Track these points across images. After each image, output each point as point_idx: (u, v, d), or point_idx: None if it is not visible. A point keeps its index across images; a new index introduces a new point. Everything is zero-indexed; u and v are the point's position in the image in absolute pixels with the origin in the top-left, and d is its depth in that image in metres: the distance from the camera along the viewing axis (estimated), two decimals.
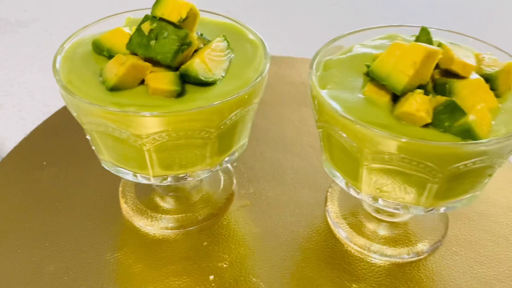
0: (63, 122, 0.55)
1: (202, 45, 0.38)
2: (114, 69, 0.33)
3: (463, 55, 0.34)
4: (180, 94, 0.33)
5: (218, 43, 0.37)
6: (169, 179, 0.38)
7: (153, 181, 0.37)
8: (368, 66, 0.36)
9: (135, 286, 0.39)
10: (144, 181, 0.38)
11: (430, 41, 0.37)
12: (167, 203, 0.46)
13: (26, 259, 0.41)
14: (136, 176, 0.38)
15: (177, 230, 0.43)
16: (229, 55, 0.37)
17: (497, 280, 0.40)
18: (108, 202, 0.46)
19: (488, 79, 0.35)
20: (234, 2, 0.83)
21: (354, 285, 0.39)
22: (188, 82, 0.34)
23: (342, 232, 0.43)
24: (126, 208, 0.45)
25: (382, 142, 0.31)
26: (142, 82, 0.34)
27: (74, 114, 0.35)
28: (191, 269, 0.40)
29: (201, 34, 0.38)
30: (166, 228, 0.43)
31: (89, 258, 0.41)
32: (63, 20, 0.77)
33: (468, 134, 0.31)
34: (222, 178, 0.48)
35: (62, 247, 0.42)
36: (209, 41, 0.38)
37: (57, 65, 0.36)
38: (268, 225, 0.44)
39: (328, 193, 0.47)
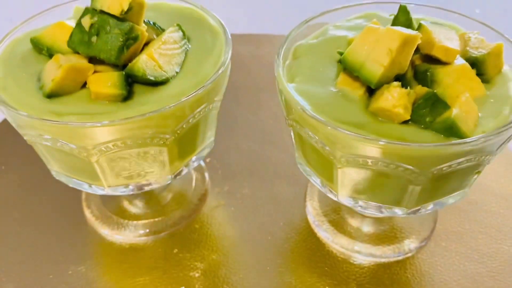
0: None
1: (154, 36, 0.33)
2: (51, 73, 0.29)
3: (446, 37, 0.30)
4: (126, 97, 0.29)
5: (171, 34, 0.33)
6: (127, 188, 0.34)
7: (109, 192, 0.34)
8: (340, 54, 0.32)
9: None
10: (100, 192, 0.34)
11: (409, 22, 0.33)
12: (135, 207, 0.42)
13: None
14: (91, 186, 0.34)
15: (146, 237, 0.40)
16: (184, 46, 0.33)
17: (489, 276, 0.37)
18: (71, 209, 0.42)
19: (475, 63, 0.31)
20: None
21: None
22: (136, 82, 0.30)
23: (323, 231, 0.40)
24: (90, 215, 0.42)
25: (356, 145, 0.27)
26: (85, 85, 0.30)
27: (13, 125, 0.31)
28: (160, 280, 0.37)
29: (154, 24, 0.34)
30: (134, 236, 0.40)
31: (51, 273, 0.38)
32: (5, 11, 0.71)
33: (451, 131, 0.27)
34: (194, 176, 0.45)
35: (21, 262, 0.39)
36: (163, 31, 0.34)
37: None
38: (244, 226, 0.41)
39: (308, 187, 0.44)
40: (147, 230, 0.40)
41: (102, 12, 0.30)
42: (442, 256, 0.39)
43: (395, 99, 0.28)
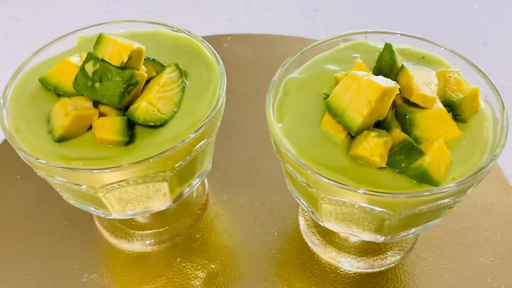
0: None
1: (154, 74, 0.36)
2: (59, 120, 0.32)
3: (425, 82, 0.33)
4: (129, 141, 0.32)
5: (170, 75, 0.35)
6: (133, 211, 0.38)
7: (116, 216, 0.37)
8: (326, 95, 0.34)
9: None
10: (108, 217, 0.38)
11: (393, 61, 0.35)
12: (142, 217, 0.46)
13: (6, 285, 0.42)
14: (98, 211, 0.38)
15: (152, 247, 0.44)
16: (182, 84, 0.36)
17: (463, 287, 0.41)
18: (83, 219, 0.46)
19: (452, 106, 0.33)
20: None
21: None
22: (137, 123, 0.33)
23: (313, 242, 0.44)
24: (100, 226, 0.45)
25: (336, 190, 0.30)
26: (90, 127, 0.33)
27: (26, 162, 0.35)
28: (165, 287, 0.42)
29: (153, 60, 0.36)
30: (141, 245, 0.44)
31: (66, 281, 0.42)
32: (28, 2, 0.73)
33: (423, 178, 0.30)
34: (195, 188, 0.48)
35: (41, 269, 0.43)
36: (162, 67, 0.36)
37: (5, 106, 0.35)
38: (240, 236, 0.45)
39: None
40: (152, 240, 0.44)
41: (103, 60, 0.32)
42: (421, 267, 0.42)
43: (372, 148, 0.30)
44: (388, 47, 0.35)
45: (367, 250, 0.43)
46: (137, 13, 0.71)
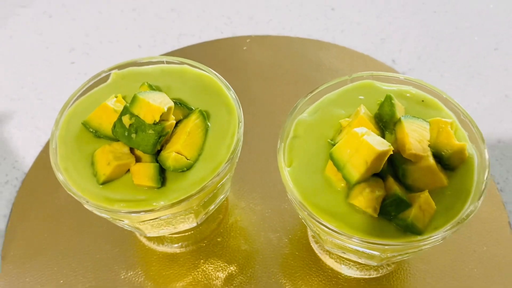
0: None
1: (181, 117, 0.41)
2: (102, 168, 0.38)
3: (418, 138, 0.37)
4: (161, 185, 0.38)
5: (196, 121, 0.40)
6: (162, 231, 0.44)
7: (150, 235, 0.44)
8: (331, 144, 0.39)
9: None
10: (142, 235, 0.45)
11: (392, 112, 0.39)
12: None
13: (57, 278, 0.50)
14: (135, 230, 0.44)
15: (180, 249, 0.51)
16: (205, 128, 0.41)
17: None
18: None
19: (441, 157, 0.38)
20: None
21: None
22: None
23: (318, 250, 0.50)
24: None
25: (334, 235, 0.36)
26: (129, 169, 0.39)
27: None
28: (190, 286, 0.49)
29: (181, 103, 0.41)
30: (171, 248, 0.51)
31: (107, 277, 0.50)
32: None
33: (409, 228, 0.35)
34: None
35: (86, 267, 0.51)
36: (189, 110, 0.41)
37: (54, 144, 0.41)
38: (256, 242, 0.51)
39: None
40: (180, 244, 0.51)
41: (138, 116, 0.37)
42: (413, 276, 0.49)
43: (367, 201, 0.35)
44: (388, 99, 0.39)
45: None
46: (161, 10, 0.74)
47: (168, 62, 0.45)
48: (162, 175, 0.38)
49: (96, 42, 0.71)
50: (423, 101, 0.42)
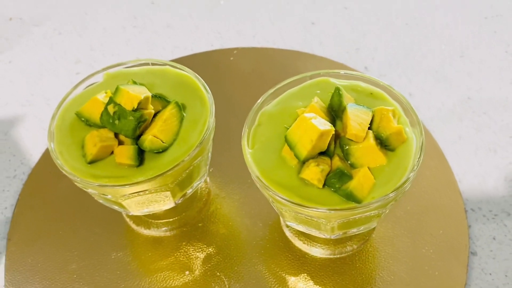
0: None
1: (160, 107, 0.47)
2: (90, 148, 0.44)
3: (359, 121, 0.42)
4: (139, 164, 0.44)
5: (171, 111, 0.46)
6: (145, 210, 0.50)
7: (134, 213, 0.50)
8: (287, 128, 0.45)
9: (132, 280, 0.54)
10: (129, 214, 0.50)
11: (340, 102, 0.44)
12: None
13: (56, 259, 0.56)
14: (121, 209, 0.50)
15: (164, 233, 0.57)
16: (181, 117, 0.47)
17: (405, 273, 0.52)
18: (113, 211, 0.59)
19: (381, 139, 0.43)
20: None
21: (293, 277, 0.52)
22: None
23: (288, 233, 0.55)
24: (125, 216, 0.59)
25: (289, 206, 0.41)
26: (112, 152, 0.45)
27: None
28: (173, 265, 0.54)
29: (160, 97, 0.48)
30: (156, 232, 0.57)
31: (100, 257, 0.56)
32: (67, 16, 0.85)
33: (349, 197, 0.40)
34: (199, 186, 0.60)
35: (81, 248, 0.57)
36: (167, 102, 0.47)
37: (51, 133, 0.48)
38: (233, 226, 0.57)
39: None
40: (165, 228, 0.57)
41: (120, 104, 0.44)
42: (374, 256, 0.53)
43: (312, 173, 0.41)
44: (337, 90, 0.45)
45: (331, 241, 0.54)
46: (158, 26, 0.82)
47: (153, 64, 0.52)
48: (141, 155, 0.45)
49: (100, 55, 0.78)
50: (371, 93, 0.48)
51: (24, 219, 0.60)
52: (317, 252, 0.54)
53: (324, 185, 0.42)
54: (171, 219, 0.57)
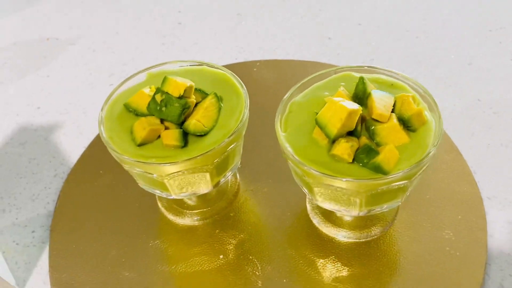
0: None
1: (201, 99, 0.52)
2: (139, 132, 0.49)
3: (383, 104, 0.47)
4: (183, 145, 0.49)
5: (211, 100, 0.51)
6: (186, 193, 0.54)
7: (174, 197, 0.54)
8: (316, 113, 0.49)
9: (169, 264, 0.57)
10: (170, 197, 0.55)
11: (364, 89, 0.49)
12: (191, 201, 0.62)
13: (97, 246, 0.60)
14: (162, 193, 0.54)
15: (198, 222, 0.61)
16: (219, 107, 0.52)
17: (427, 255, 0.55)
18: (149, 202, 0.63)
19: (403, 120, 0.47)
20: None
21: (321, 260, 0.56)
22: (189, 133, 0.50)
23: (315, 220, 0.59)
24: (161, 206, 0.63)
25: (321, 178, 0.45)
26: (159, 136, 0.50)
27: (117, 160, 0.52)
28: (207, 250, 0.58)
29: (200, 90, 0.53)
30: (190, 221, 0.61)
31: (137, 245, 0.59)
32: (101, 36, 0.92)
33: (378, 169, 0.45)
34: (229, 179, 0.64)
35: (120, 237, 0.60)
36: (206, 95, 0.53)
37: (101, 122, 0.52)
38: (262, 216, 0.61)
39: None
40: (198, 217, 0.61)
41: (167, 93, 0.49)
42: (397, 239, 0.57)
43: (342, 149, 0.45)
44: (361, 79, 0.50)
45: (357, 225, 0.58)
46: (186, 44, 0.88)
47: (191, 65, 0.58)
48: (185, 138, 0.49)
49: (132, 69, 0.84)
50: (392, 84, 0.53)
51: (65, 212, 0.64)
52: (344, 236, 0.57)
53: (353, 161, 0.46)
54: (204, 209, 0.61)
